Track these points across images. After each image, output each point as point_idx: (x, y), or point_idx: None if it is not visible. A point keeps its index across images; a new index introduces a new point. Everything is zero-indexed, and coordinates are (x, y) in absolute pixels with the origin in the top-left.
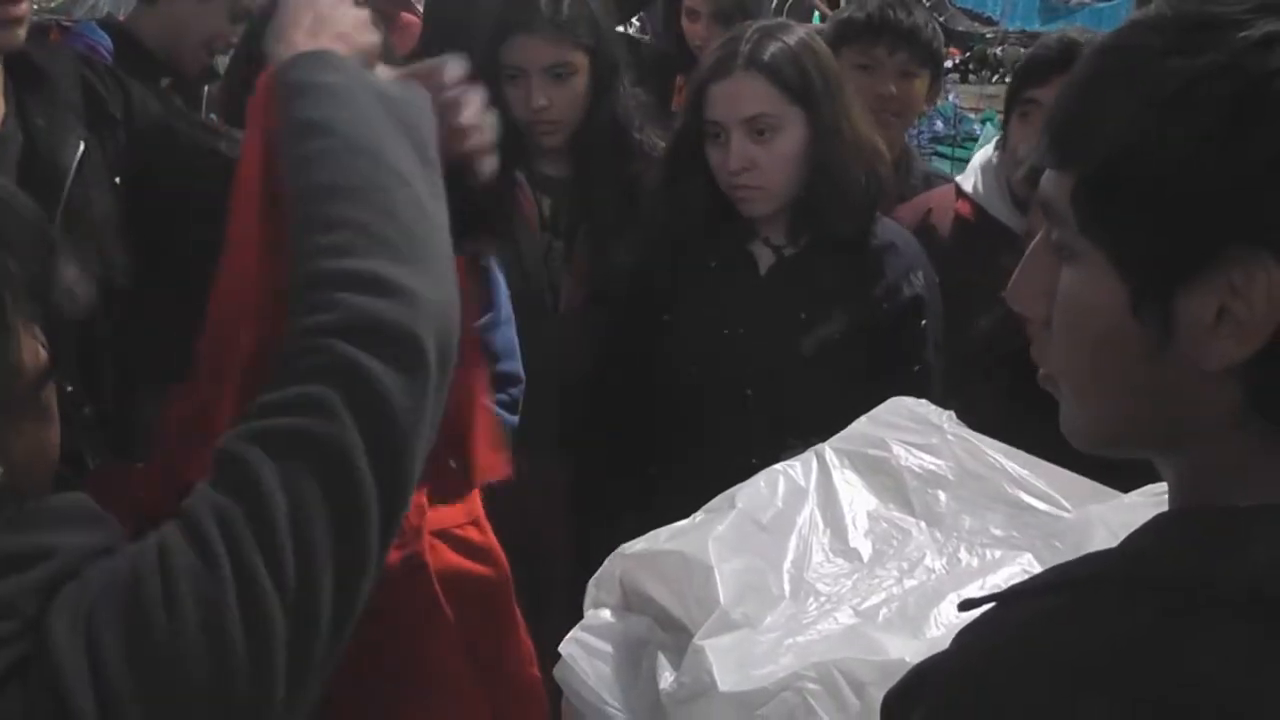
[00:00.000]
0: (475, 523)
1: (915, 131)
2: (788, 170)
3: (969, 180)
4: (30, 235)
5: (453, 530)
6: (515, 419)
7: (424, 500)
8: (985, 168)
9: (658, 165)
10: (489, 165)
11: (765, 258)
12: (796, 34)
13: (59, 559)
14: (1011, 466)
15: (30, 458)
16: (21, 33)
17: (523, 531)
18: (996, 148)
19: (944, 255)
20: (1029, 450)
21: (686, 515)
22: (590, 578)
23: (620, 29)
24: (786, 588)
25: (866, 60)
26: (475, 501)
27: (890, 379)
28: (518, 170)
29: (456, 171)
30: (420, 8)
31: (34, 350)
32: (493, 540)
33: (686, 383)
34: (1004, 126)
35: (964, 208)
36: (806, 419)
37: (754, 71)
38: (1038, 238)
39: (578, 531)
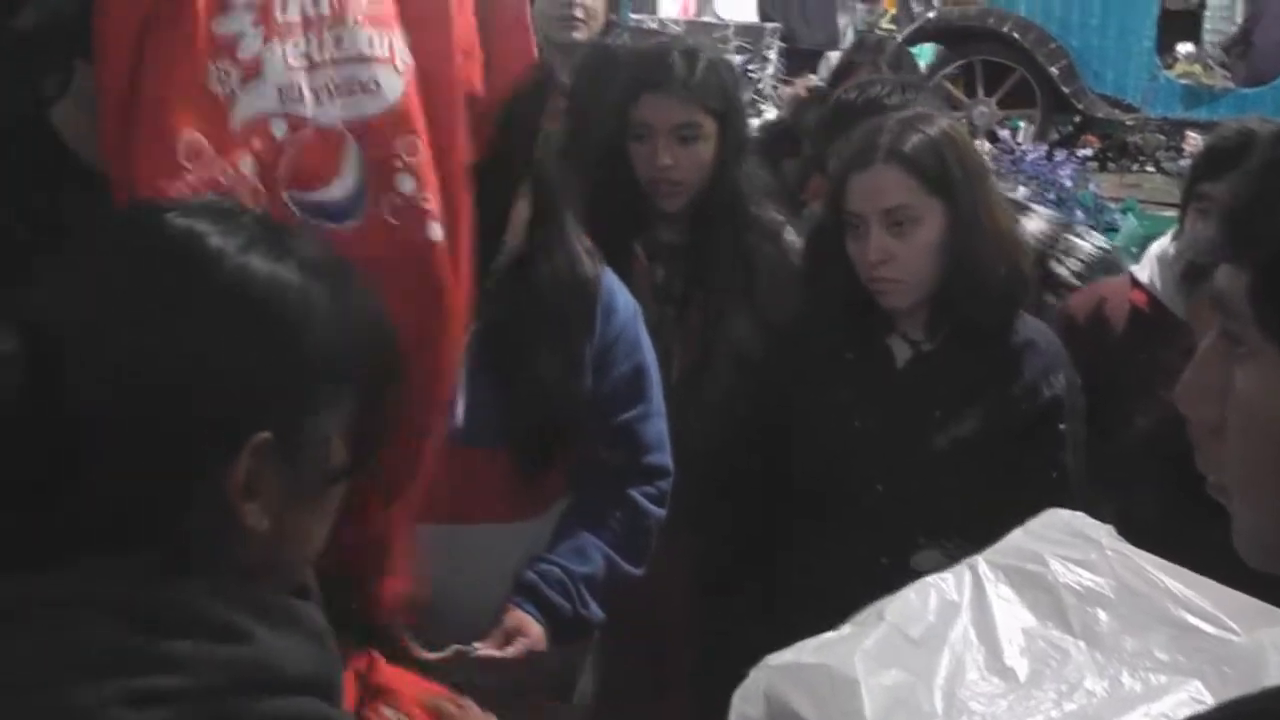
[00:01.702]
0: None
1: None
2: (926, 263)
3: (1144, 271)
4: (379, 330)
5: None
6: (662, 513)
7: None
8: (1162, 259)
9: (803, 254)
10: None
11: (902, 352)
12: (938, 124)
13: (250, 648)
14: (1175, 585)
15: (297, 542)
16: None
17: (642, 603)
18: (1173, 240)
19: (1116, 347)
20: (1189, 562)
21: (814, 610)
22: (708, 657)
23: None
24: (939, 705)
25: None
26: None
27: (1025, 483)
28: (636, 240)
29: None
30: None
31: (344, 440)
32: None
33: (816, 474)
34: (1180, 220)
35: (1139, 298)
36: (937, 519)
37: (894, 163)
38: (1210, 336)
39: (699, 609)
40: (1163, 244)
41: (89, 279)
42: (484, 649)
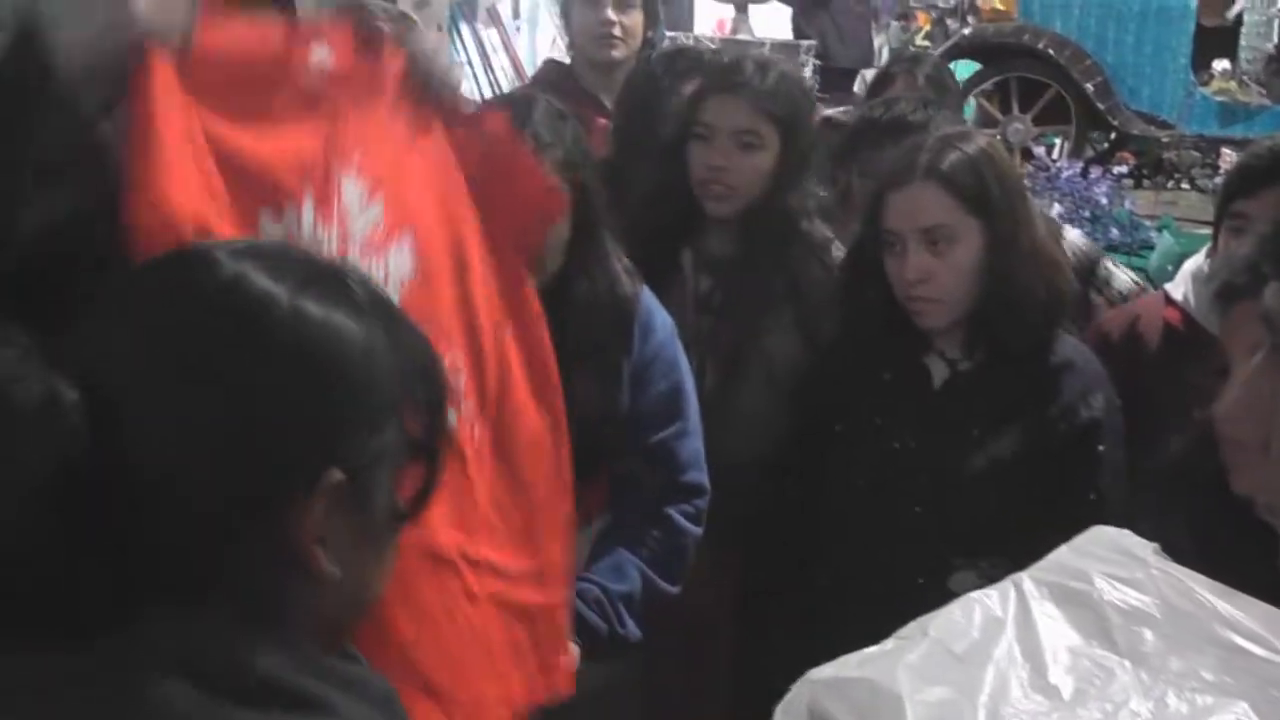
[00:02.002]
0: None
1: (1090, 239)
2: (964, 282)
3: (1179, 289)
4: (428, 376)
5: None
6: (699, 531)
7: None
8: (1196, 276)
9: (838, 272)
10: None
11: (940, 371)
12: (976, 143)
13: None
14: (1222, 605)
15: (358, 589)
16: None
17: (680, 619)
18: (1207, 257)
19: (1150, 364)
20: (1226, 583)
21: (850, 628)
22: (747, 672)
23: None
24: None
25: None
26: None
27: (1062, 504)
28: (685, 249)
29: None
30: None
31: (405, 483)
32: None
33: (854, 494)
34: (1213, 237)
35: (1173, 315)
36: (974, 539)
37: (932, 181)
38: (1258, 356)
39: (738, 624)
40: (1197, 261)
41: (141, 328)
42: None
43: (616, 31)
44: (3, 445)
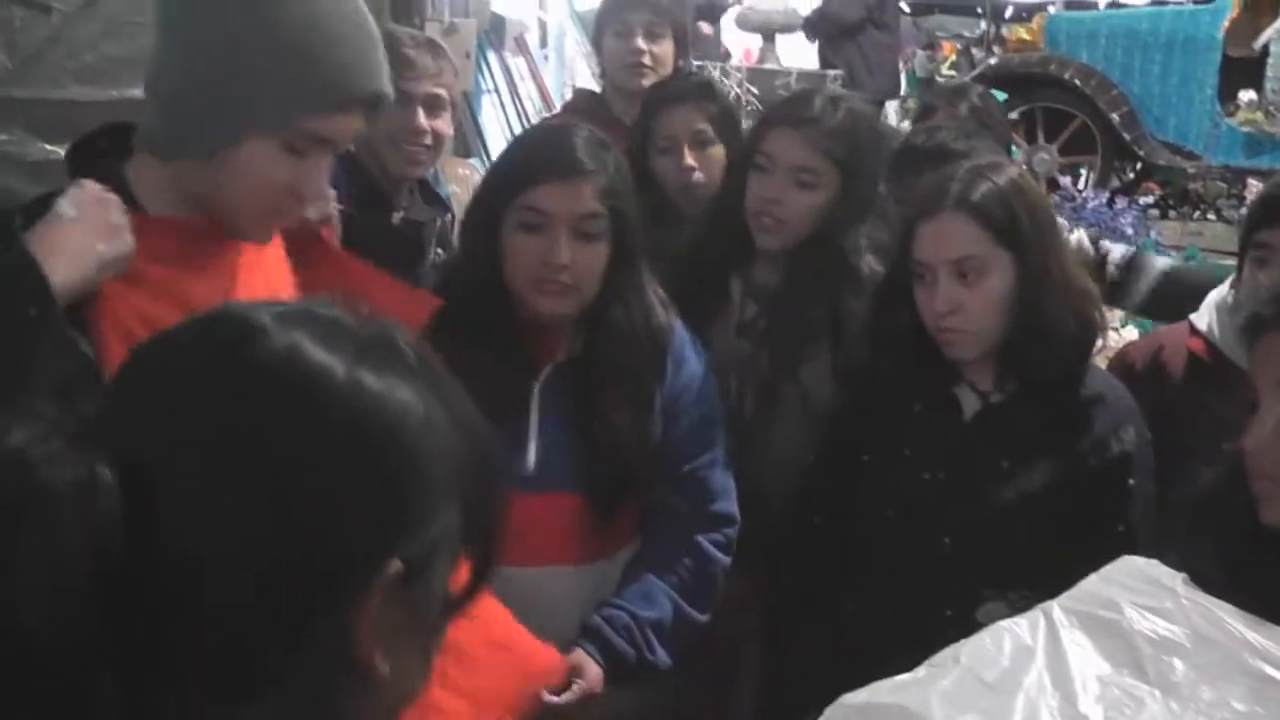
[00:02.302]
0: None
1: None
2: (994, 313)
3: (1203, 319)
4: (483, 449)
5: None
6: (728, 560)
7: None
8: (1220, 306)
9: (867, 301)
10: None
11: (970, 403)
12: (1007, 173)
13: None
14: (1252, 635)
15: (400, 686)
16: None
17: (709, 646)
18: (1231, 287)
19: (1174, 394)
20: (1256, 613)
21: (878, 657)
22: (775, 699)
23: None
24: None
25: (904, 192)
26: None
27: (1092, 537)
28: (735, 276)
29: None
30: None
31: (456, 574)
32: None
33: (883, 523)
34: (1237, 268)
35: (1197, 345)
36: (1003, 571)
37: (962, 212)
38: None
39: (766, 652)
40: (1221, 291)
41: (183, 404)
42: (545, 695)
43: (646, 60)
44: (33, 532)
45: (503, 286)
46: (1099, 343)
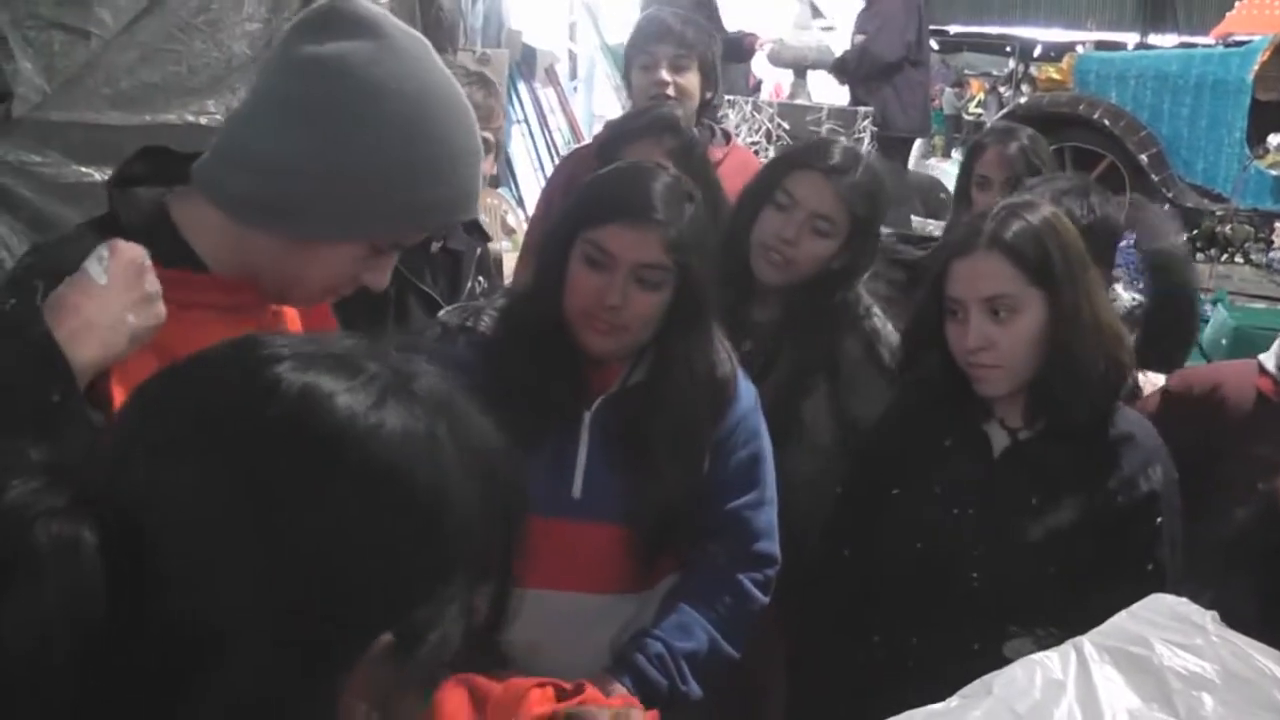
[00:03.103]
0: None
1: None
2: (1026, 351)
3: (1272, 360)
4: (514, 516)
5: None
6: (766, 600)
7: None
8: None
9: (902, 338)
10: None
11: (1000, 440)
12: (1041, 213)
13: None
14: None
15: None
16: None
17: (737, 674)
18: None
19: (1232, 432)
20: None
21: (905, 691)
22: None
23: None
24: None
25: None
26: None
27: (1119, 575)
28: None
29: None
30: None
31: (454, 630)
32: None
33: (911, 559)
34: None
35: (1265, 385)
36: (1031, 608)
37: (996, 251)
38: None
39: (791, 684)
40: None
41: (185, 452)
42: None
43: (671, 92)
44: (18, 594)
45: (561, 315)
46: (1129, 382)
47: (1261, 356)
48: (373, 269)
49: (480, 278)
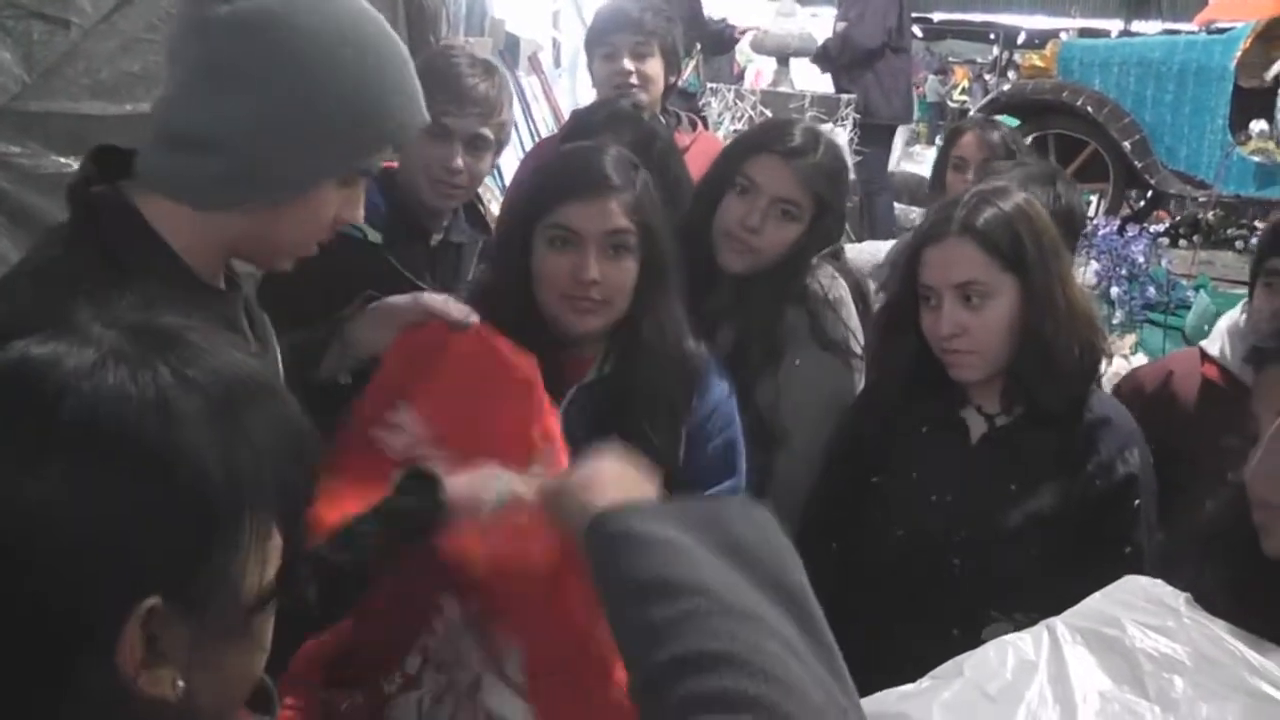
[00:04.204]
0: None
1: (1128, 298)
2: (999, 337)
3: (1215, 344)
4: (292, 443)
5: None
6: None
7: None
8: (1232, 331)
9: (874, 326)
10: None
11: (977, 425)
12: (1013, 199)
13: None
14: (1252, 655)
15: (223, 684)
16: None
17: None
18: (1243, 313)
19: (1185, 420)
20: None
21: (884, 677)
22: None
23: None
24: None
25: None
26: None
27: (1098, 558)
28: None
29: None
30: None
31: (261, 571)
32: None
33: (891, 547)
34: (1249, 295)
35: (1211, 372)
36: (1010, 593)
37: (967, 238)
38: None
39: None
40: (1233, 317)
41: None
42: None
43: (634, 80)
44: None
45: (532, 306)
46: (1103, 368)
47: (1204, 343)
48: (346, 204)
49: (484, 268)
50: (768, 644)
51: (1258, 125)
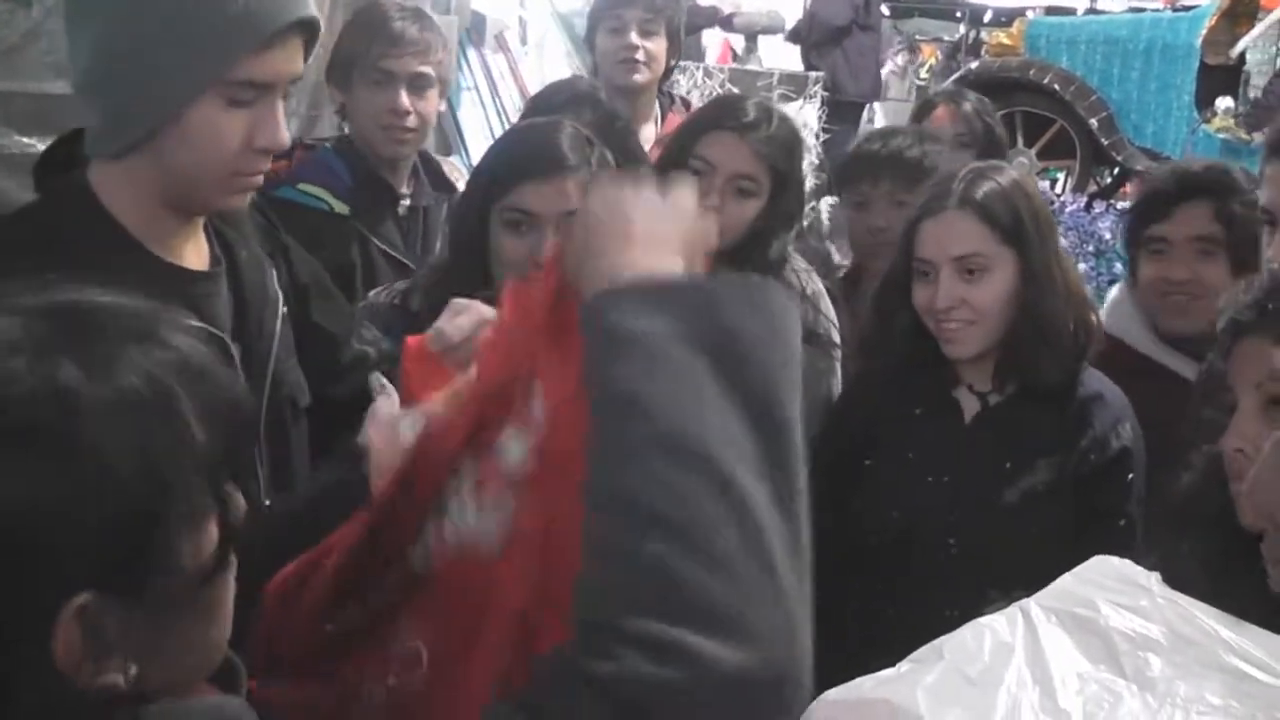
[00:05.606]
0: None
1: (1094, 273)
2: (995, 310)
3: (1108, 322)
4: (229, 413)
5: None
6: None
7: None
8: (1120, 304)
9: (869, 305)
10: None
11: (970, 405)
12: (1009, 174)
13: None
14: (1226, 632)
15: (180, 657)
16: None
17: None
18: (1129, 288)
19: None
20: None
21: (880, 659)
22: None
23: None
24: None
25: (858, 198)
26: None
27: (1094, 533)
28: None
29: None
30: None
31: (200, 545)
32: None
33: (887, 529)
34: (1131, 269)
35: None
36: (1008, 571)
37: (966, 210)
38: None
39: None
40: (1121, 292)
41: None
42: None
43: (640, 56)
44: None
45: (492, 288)
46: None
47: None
48: (253, 126)
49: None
50: (708, 506)
51: (1223, 102)
